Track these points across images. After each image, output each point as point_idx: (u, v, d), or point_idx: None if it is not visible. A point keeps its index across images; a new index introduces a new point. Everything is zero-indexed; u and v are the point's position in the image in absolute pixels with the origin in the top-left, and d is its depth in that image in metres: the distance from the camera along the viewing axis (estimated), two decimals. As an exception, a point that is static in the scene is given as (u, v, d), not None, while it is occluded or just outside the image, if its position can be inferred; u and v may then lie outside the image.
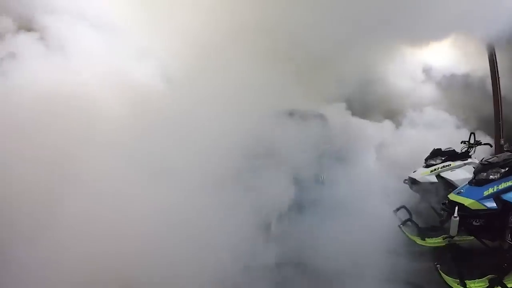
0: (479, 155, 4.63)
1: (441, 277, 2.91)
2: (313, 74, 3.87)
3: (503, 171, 3.17)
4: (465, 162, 4.46)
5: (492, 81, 6.25)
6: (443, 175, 4.43)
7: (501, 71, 6.18)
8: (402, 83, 7.13)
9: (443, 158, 4.58)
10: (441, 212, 4.03)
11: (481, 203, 3.10)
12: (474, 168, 3.71)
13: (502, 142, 5.95)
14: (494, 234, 3.17)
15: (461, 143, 4.76)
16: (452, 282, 2.92)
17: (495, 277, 2.90)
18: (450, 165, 4.46)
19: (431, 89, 7.33)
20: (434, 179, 4.45)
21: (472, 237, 3.52)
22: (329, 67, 3.91)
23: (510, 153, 3.33)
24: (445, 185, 4.33)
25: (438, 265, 2.95)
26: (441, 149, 4.71)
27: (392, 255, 3.33)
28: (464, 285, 2.90)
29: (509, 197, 3.05)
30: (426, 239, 4.03)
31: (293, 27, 3.54)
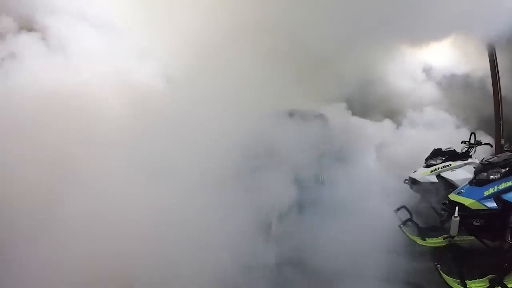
0: (479, 155, 4.63)
1: (442, 277, 2.91)
2: (313, 74, 3.87)
3: (503, 171, 3.17)
4: (465, 162, 4.46)
5: (492, 81, 6.25)
6: (443, 175, 4.43)
7: (501, 71, 6.18)
8: (402, 83, 7.14)
9: (444, 158, 4.58)
10: (442, 212, 4.03)
11: (481, 203, 3.10)
12: (474, 168, 3.72)
13: (502, 142, 5.95)
14: (494, 234, 3.17)
15: (462, 143, 4.76)
16: (452, 282, 2.92)
17: (495, 277, 2.90)
18: (450, 165, 4.46)
19: (431, 89, 7.33)
20: (434, 179, 4.45)
21: (472, 237, 3.52)
22: (329, 67, 3.91)
23: (510, 153, 3.34)
24: (445, 185, 4.33)
25: (438, 265, 2.95)
26: (441, 149, 4.71)
27: (392, 255, 3.33)
28: (464, 285, 2.89)
29: (510, 197, 3.05)
30: (426, 239, 4.02)
31: (293, 27, 3.54)
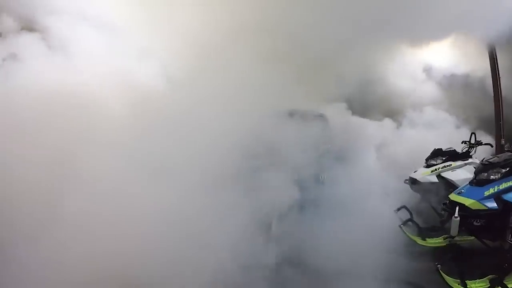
0: (480, 155, 4.62)
1: (442, 277, 2.91)
2: (313, 74, 3.86)
3: (503, 171, 3.17)
4: (466, 162, 4.46)
5: (493, 81, 6.25)
6: (443, 175, 4.43)
7: (501, 71, 6.18)
8: (402, 83, 7.13)
9: (444, 158, 4.58)
10: (442, 212, 4.02)
11: (481, 203, 3.10)
12: (474, 168, 3.72)
13: (502, 142, 5.94)
14: (494, 234, 3.18)
15: (462, 143, 4.75)
16: (452, 282, 2.92)
17: (495, 277, 2.90)
18: (451, 165, 4.46)
19: (431, 89, 7.33)
20: (434, 179, 4.45)
21: (472, 237, 3.52)
22: (329, 67, 3.91)
23: (510, 153, 3.34)
24: (445, 185, 4.33)
25: (438, 265, 2.95)
26: (441, 149, 4.71)
27: (392, 255, 3.32)
28: (464, 285, 2.90)
29: (510, 197, 3.05)
30: (426, 239, 4.03)
31: (293, 27, 3.54)
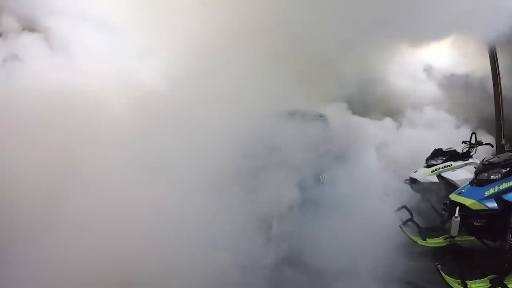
0: (480, 155, 4.62)
1: (442, 277, 2.91)
2: (313, 74, 3.86)
3: (504, 171, 3.17)
4: (466, 162, 4.46)
5: (493, 81, 6.25)
6: (444, 175, 4.43)
7: (502, 71, 6.18)
8: (402, 83, 7.14)
9: (444, 158, 4.58)
10: (442, 212, 4.01)
11: (482, 203, 3.10)
12: (475, 168, 3.72)
13: (503, 142, 5.94)
14: (495, 234, 3.18)
15: (462, 143, 4.75)
16: (453, 282, 2.92)
17: (496, 277, 2.90)
18: (451, 165, 4.46)
19: (431, 89, 7.33)
20: (435, 179, 4.46)
21: (473, 238, 3.52)
22: (329, 67, 3.91)
23: (511, 153, 3.33)
24: (446, 185, 4.33)
25: (439, 265, 2.95)
26: (442, 149, 4.71)
27: (392, 255, 3.32)
28: (465, 286, 2.89)
29: (510, 197, 3.05)
30: (427, 239, 4.02)
31: (294, 27, 3.54)
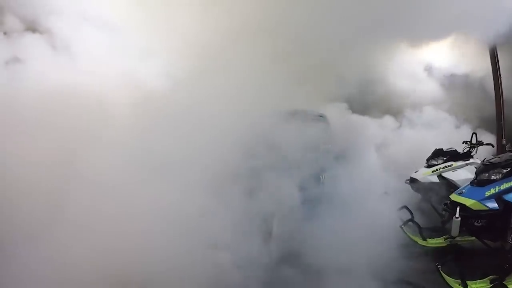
0: (481, 155, 4.62)
1: (442, 277, 2.91)
2: (313, 74, 3.86)
3: (505, 171, 3.17)
4: (467, 162, 4.46)
5: (494, 82, 6.24)
6: (444, 175, 4.43)
7: (502, 71, 6.17)
8: (402, 83, 7.13)
9: (445, 158, 4.58)
10: (443, 212, 4.01)
11: (482, 203, 3.10)
12: (476, 168, 3.71)
13: (504, 142, 5.93)
14: (495, 234, 3.18)
15: (463, 143, 4.75)
16: (453, 282, 2.92)
17: (496, 277, 2.90)
18: (452, 165, 4.46)
19: (431, 89, 7.32)
20: (435, 179, 4.46)
21: (473, 238, 3.52)
22: (329, 67, 3.90)
23: (511, 154, 3.33)
24: (446, 186, 4.33)
25: (439, 266, 2.95)
26: (442, 149, 4.71)
27: (393, 255, 3.32)
28: (465, 286, 2.89)
29: (511, 197, 3.05)
30: (427, 239, 4.02)
31: (294, 28, 3.54)
